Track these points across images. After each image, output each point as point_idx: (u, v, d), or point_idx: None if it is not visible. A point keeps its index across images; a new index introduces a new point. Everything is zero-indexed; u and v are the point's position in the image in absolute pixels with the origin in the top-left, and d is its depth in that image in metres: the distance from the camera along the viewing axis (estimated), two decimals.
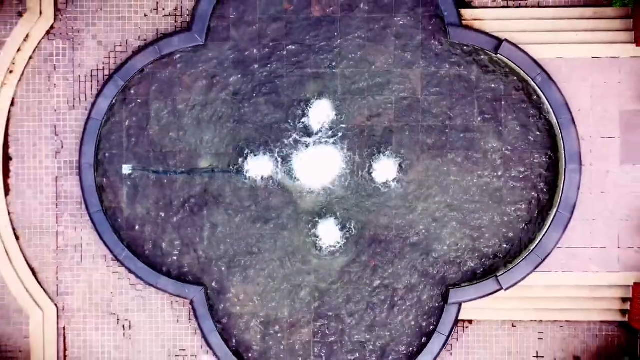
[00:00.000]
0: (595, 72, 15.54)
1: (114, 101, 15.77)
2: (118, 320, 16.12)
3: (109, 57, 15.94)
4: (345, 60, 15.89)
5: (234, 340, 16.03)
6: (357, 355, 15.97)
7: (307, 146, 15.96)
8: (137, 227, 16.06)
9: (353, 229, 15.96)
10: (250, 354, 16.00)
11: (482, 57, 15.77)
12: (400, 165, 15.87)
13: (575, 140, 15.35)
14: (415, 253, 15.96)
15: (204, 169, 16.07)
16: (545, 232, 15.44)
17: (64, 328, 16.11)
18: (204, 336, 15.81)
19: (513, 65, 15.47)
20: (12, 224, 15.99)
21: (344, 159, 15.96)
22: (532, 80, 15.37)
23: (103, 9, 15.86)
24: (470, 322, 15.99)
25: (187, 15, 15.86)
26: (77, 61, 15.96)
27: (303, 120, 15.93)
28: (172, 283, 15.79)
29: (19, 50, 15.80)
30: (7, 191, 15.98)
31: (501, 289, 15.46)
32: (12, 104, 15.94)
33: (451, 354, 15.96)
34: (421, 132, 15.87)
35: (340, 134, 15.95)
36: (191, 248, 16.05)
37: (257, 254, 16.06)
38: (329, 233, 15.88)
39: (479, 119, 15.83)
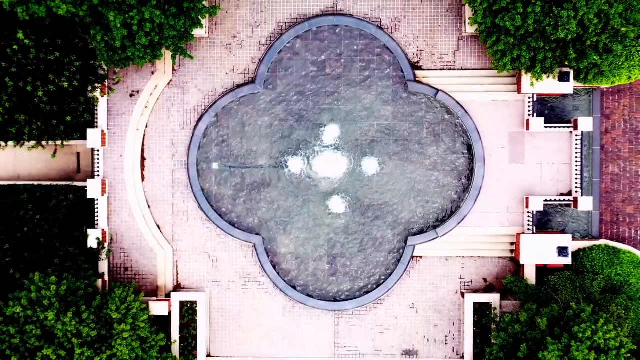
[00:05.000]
0: (494, 108, 25.89)
1: (208, 125, 26.20)
2: (209, 256, 26.42)
3: (205, 99, 26.28)
4: (346, 100, 26.30)
5: (279, 268, 26.45)
6: (354, 275, 26.37)
7: (323, 151, 26.42)
8: (221, 200, 26.45)
9: (351, 202, 26.43)
10: (289, 277, 26.44)
11: (427, 100, 26.22)
12: (379, 163, 26.33)
13: (481, 149, 25.76)
14: (389, 215, 26.34)
15: (261, 165, 26.47)
16: (464, 202, 25.92)
17: (177, 261, 26.39)
18: (261, 266, 26.15)
19: (445, 105, 25.95)
20: (146, 198, 26.31)
21: (345, 159, 26.34)
22: (456, 114, 25.83)
23: (201, 69, 26.20)
24: (420, 257, 26.32)
25: (252, 74, 26.22)
26: (186, 101, 26.32)
27: (320, 136, 26.38)
28: (243, 234, 26.10)
29: (151, 94, 26.15)
30: (142, 178, 26.30)
31: (438, 236, 25.90)
32: (147, 126, 26.25)
33: (409, 276, 26.30)
34: (391, 144, 26.28)
35: (342, 145, 26.39)
36: (254, 213, 26.43)
37: (293, 217, 26.44)
38: (337, 204, 26.33)
39: (426, 136, 26.29)
